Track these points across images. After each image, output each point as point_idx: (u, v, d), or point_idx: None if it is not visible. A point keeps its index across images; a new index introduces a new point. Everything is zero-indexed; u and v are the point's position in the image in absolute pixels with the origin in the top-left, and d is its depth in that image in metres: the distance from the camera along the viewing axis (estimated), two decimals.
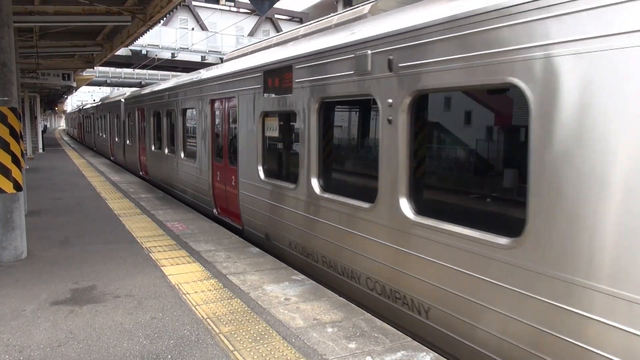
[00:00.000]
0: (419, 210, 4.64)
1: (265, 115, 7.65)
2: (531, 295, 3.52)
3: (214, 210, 9.98)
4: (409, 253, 4.62)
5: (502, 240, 3.74)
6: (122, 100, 19.96)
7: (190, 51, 32.97)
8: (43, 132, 34.24)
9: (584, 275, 3.17)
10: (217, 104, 9.67)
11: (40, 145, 29.21)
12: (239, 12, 38.52)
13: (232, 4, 37.24)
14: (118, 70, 44.85)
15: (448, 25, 4.17)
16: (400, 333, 4.35)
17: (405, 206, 4.70)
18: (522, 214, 3.59)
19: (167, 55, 32.76)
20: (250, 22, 38.85)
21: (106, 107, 24.92)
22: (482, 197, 4.33)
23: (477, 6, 3.91)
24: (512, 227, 3.73)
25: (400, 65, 4.67)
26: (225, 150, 9.41)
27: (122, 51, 26.85)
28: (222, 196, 9.57)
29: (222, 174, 9.52)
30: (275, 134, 7.53)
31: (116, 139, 21.96)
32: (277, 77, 6.99)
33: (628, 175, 2.94)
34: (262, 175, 7.72)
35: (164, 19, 12.61)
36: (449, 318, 4.22)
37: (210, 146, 9.98)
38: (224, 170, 9.41)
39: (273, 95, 7.19)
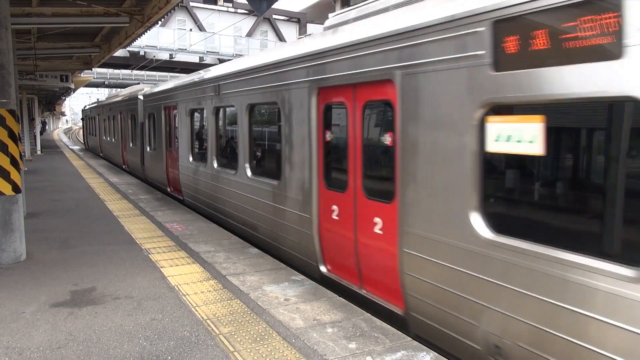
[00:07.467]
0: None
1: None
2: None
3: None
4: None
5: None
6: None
7: (188, 52, 32.89)
8: (41, 133, 34.07)
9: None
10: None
11: (39, 147, 29.14)
12: (236, 12, 38.44)
13: (230, 4, 37.21)
14: (116, 71, 44.75)
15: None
16: (400, 333, 4.36)
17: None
18: None
19: (165, 56, 32.71)
20: (249, 22, 38.75)
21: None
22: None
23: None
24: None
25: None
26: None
27: (120, 52, 26.75)
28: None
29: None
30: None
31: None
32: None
33: None
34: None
35: (162, 19, 12.62)
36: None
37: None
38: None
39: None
